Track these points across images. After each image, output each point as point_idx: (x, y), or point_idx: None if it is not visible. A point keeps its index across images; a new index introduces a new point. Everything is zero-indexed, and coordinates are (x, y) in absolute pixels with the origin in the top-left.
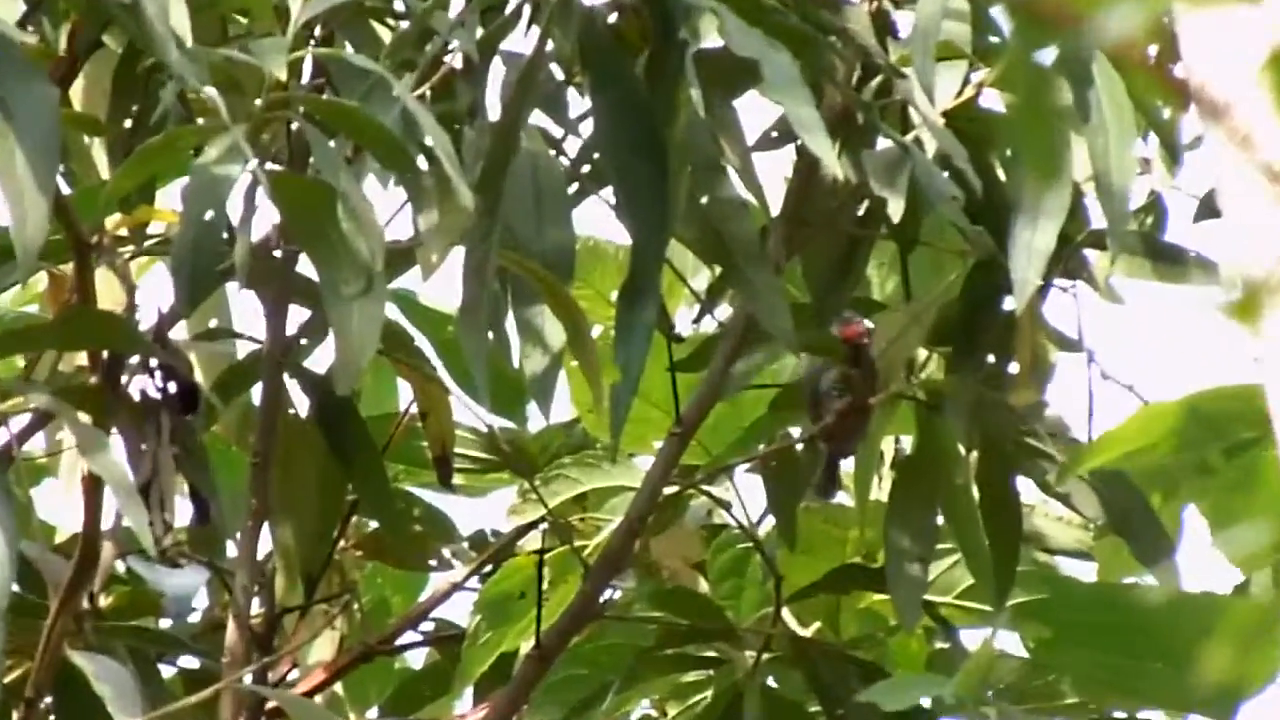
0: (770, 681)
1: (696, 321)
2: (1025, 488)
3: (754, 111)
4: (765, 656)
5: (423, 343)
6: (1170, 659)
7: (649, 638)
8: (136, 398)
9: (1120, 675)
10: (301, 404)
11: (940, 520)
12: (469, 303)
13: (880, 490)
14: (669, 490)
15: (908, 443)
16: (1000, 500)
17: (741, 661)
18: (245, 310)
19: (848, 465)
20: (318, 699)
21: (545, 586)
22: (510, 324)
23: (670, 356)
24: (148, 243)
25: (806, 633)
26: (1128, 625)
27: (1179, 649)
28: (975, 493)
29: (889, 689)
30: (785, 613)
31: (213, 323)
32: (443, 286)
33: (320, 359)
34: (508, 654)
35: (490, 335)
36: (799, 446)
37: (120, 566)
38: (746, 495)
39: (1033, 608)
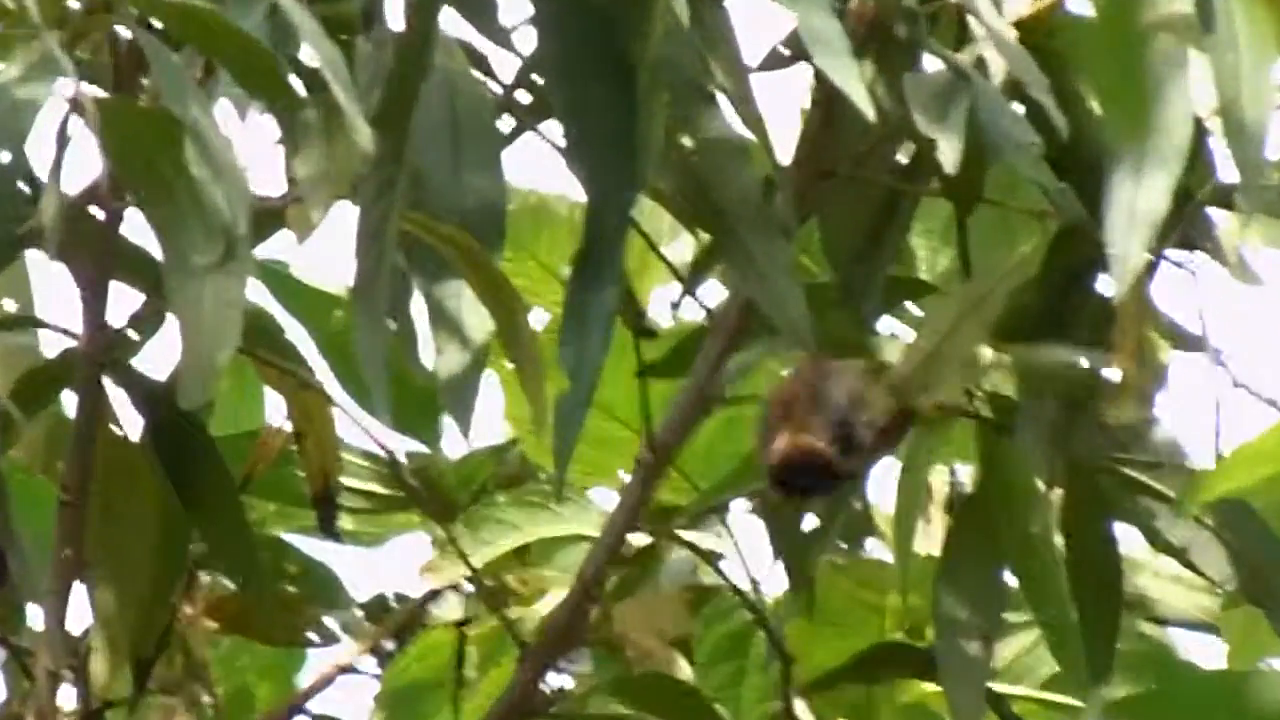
0: None
1: (675, 308)
2: (1127, 536)
3: (757, 22)
4: None
5: (299, 335)
6: None
7: None
8: None
9: None
10: (131, 420)
11: (1011, 581)
12: (363, 280)
13: (930, 540)
14: (638, 540)
15: (966, 475)
16: (1093, 554)
17: None
18: (55, 290)
19: (886, 503)
20: None
21: (470, 672)
22: (419, 310)
23: (639, 356)
24: None
25: None
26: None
27: None
28: (1059, 544)
29: None
30: (800, 709)
31: (9, 306)
32: (327, 257)
33: (157, 358)
34: None
35: (391, 325)
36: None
37: None
38: (747, 546)
39: (1139, 704)
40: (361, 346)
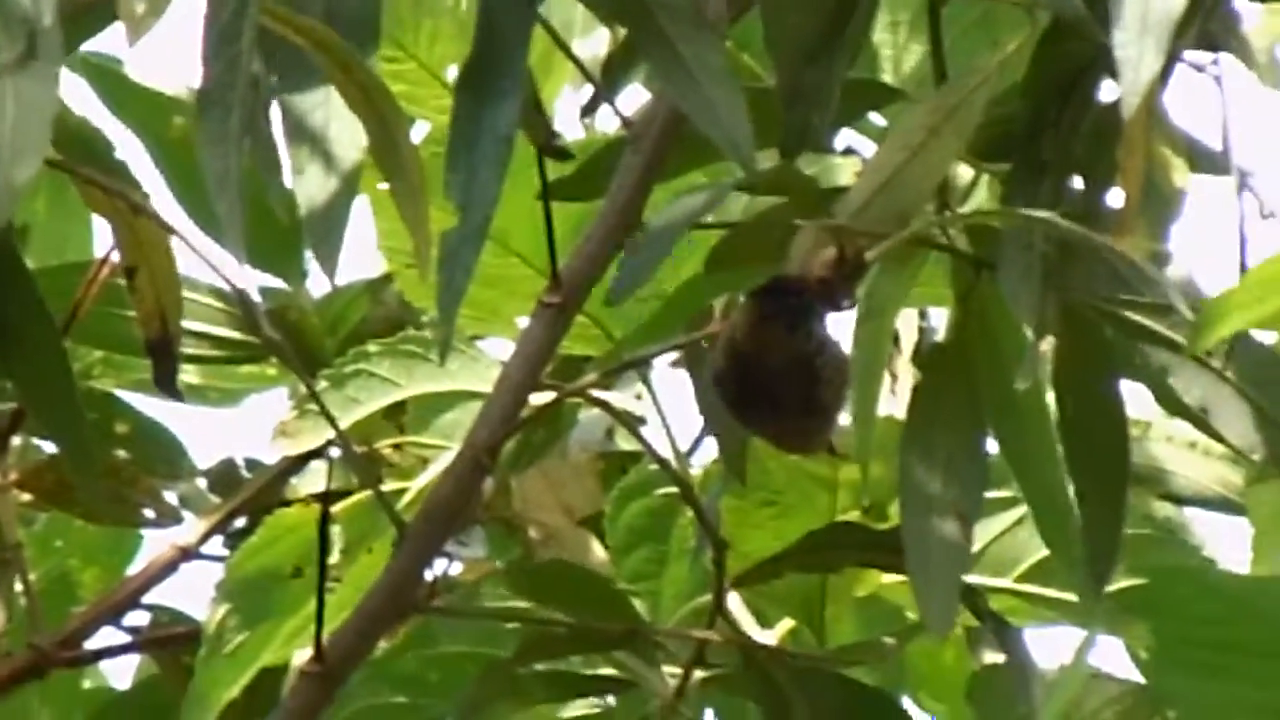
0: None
1: (586, 116)
2: (1134, 394)
3: None
4: (699, 675)
5: (131, 147)
6: None
7: (507, 644)
8: None
9: (1270, 718)
10: None
11: (993, 449)
12: (211, 86)
13: (895, 401)
14: (540, 399)
15: (940, 321)
16: (1092, 417)
17: (659, 684)
18: None
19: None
20: None
21: (335, 558)
22: (277, 120)
23: (543, 176)
24: None
25: (769, 637)
26: None
27: None
28: (1051, 404)
29: None
30: (734, 603)
31: None
32: (164, 56)
33: None
34: (273, 670)
35: (245, 140)
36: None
37: None
38: (674, 406)
39: (1145, 599)
40: (209, 168)
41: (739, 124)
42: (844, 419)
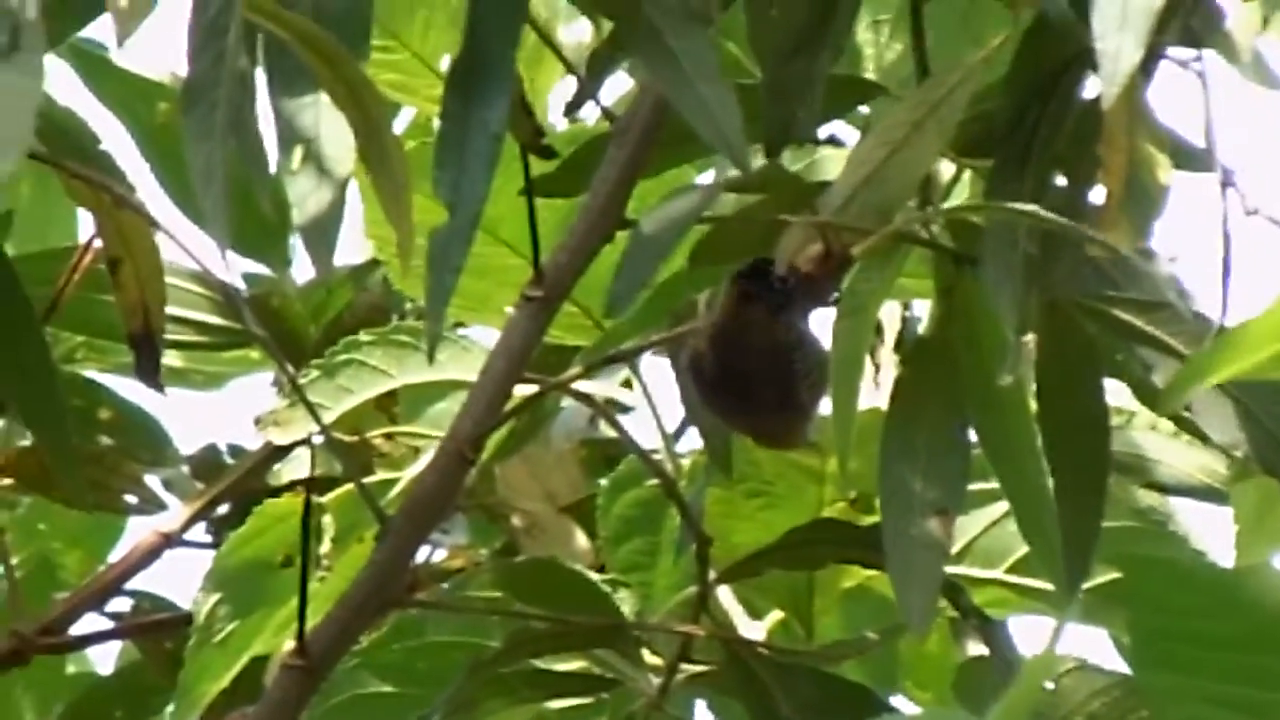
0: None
1: (571, 112)
2: (1118, 386)
3: None
4: (684, 672)
5: (116, 136)
6: None
7: (493, 634)
8: None
9: (1248, 714)
10: None
11: (975, 443)
12: (197, 81)
13: (877, 392)
14: (525, 390)
15: (924, 311)
16: (1074, 413)
17: (643, 681)
18: None
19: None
20: None
21: (326, 547)
22: (265, 113)
23: (527, 172)
24: None
25: (758, 629)
26: (1271, 633)
27: None
28: (1033, 401)
29: None
30: (724, 595)
31: None
32: (152, 48)
33: None
34: (263, 660)
35: (232, 131)
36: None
37: None
38: (663, 394)
39: (1129, 591)
40: (194, 161)
41: (731, 121)
42: (827, 410)
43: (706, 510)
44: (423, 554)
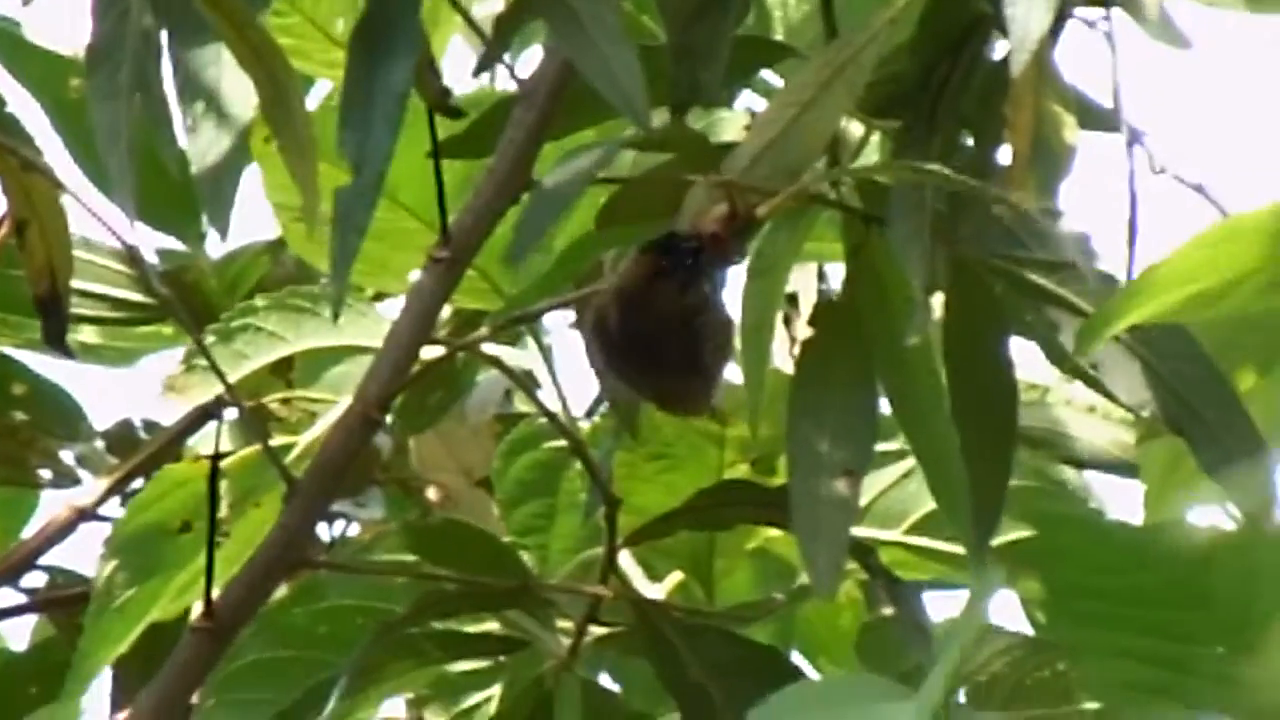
0: (601, 675)
1: (478, 74)
2: (1033, 359)
3: None
4: (591, 634)
5: (30, 113)
6: (1242, 640)
7: (397, 599)
8: None
9: (1162, 667)
10: None
11: (883, 405)
12: (101, 40)
13: (788, 357)
14: (430, 353)
15: (836, 278)
16: (981, 372)
17: (551, 643)
18: None
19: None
20: None
21: (223, 512)
22: (168, 78)
23: (433, 134)
24: None
25: (659, 593)
26: (1183, 587)
27: (1259, 625)
28: (941, 362)
29: (796, 699)
30: (625, 559)
31: None
32: (61, 18)
33: None
34: (164, 625)
35: (136, 96)
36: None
37: None
38: (569, 363)
39: (1036, 549)
40: (99, 123)
41: (633, 82)
42: (735, 376)
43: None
44: (338, 528)
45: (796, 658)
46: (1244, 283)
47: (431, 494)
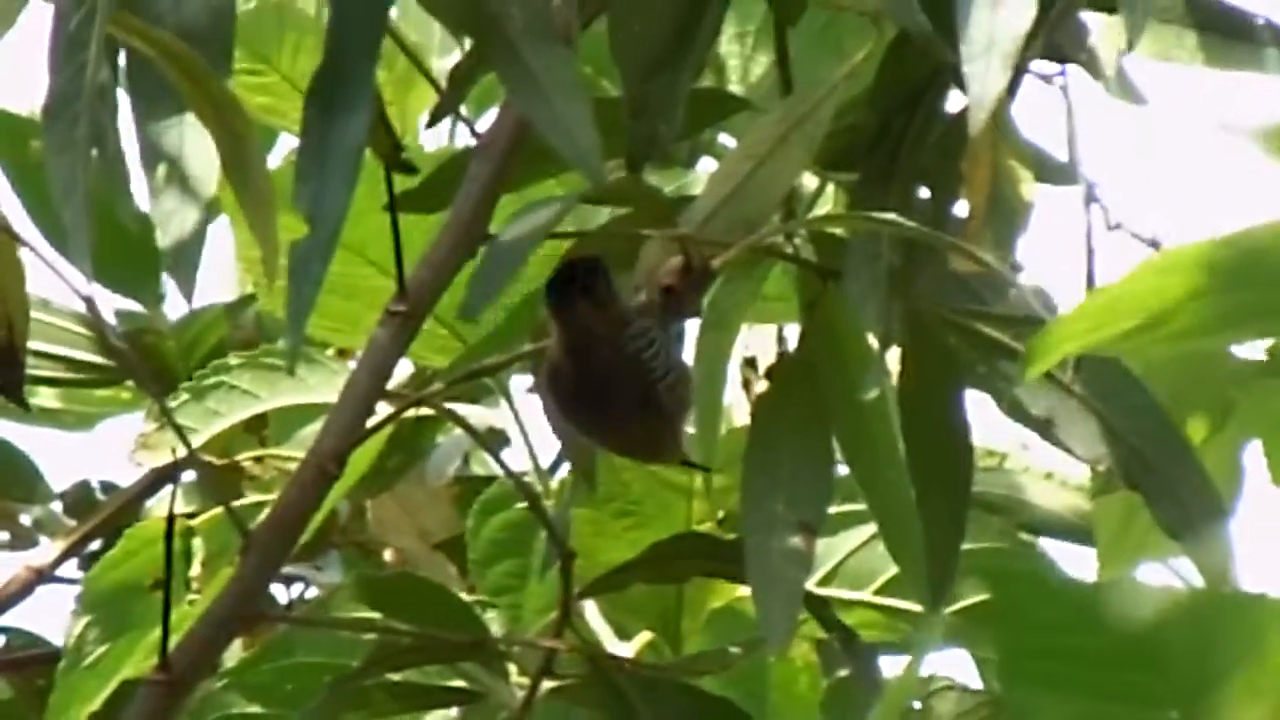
0: None
1: (432, 125)
2: (991, 421)
3: None
4: (547, 686)
5: None
6: (1199, 706)
7: (357, 655)
8: None
9: None
10: None
11: (840, 464)
12: (57, 95)
13: (746, 413)
14: (387, 410)
15: (792, 335)
16: (936, 428)
17: (506, 695)
18: None
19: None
20: None
21: (196, 570)
22: (128, 136)
23: (390, 188)
24: None
25: (627, 650)
26: (1137, 648)
27: (1213, 689)
28: (898, 419)
29: None
30: (593, 617)
31: None
32: (21, 79)
33: None
34: (134, 683)
35: (94, 154)
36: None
37: None
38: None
39: (995, 606)
40: (55, 175)
41: (587, 137)
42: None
43: (576, 531)
44: (296, 590)
45: None
46: (1181, 312)
47: (388, 556)
